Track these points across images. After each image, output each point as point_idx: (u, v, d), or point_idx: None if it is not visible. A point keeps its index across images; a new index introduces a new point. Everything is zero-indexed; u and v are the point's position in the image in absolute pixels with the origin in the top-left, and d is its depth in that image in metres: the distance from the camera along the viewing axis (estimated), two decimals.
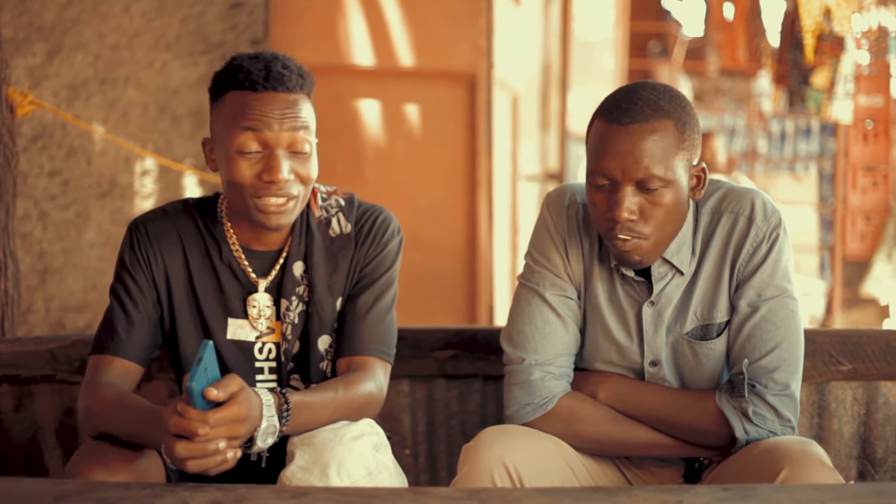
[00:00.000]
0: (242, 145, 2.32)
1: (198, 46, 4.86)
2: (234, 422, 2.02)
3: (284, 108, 2.33)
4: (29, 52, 4.70)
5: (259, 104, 2.33)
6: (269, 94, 2.33)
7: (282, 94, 2.34)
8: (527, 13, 7.89)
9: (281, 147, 2.33)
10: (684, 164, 2.28)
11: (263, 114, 2.32)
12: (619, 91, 2.35)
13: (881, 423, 2.97)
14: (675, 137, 2.26)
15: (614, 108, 2.28)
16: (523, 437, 2.33)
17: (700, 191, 2.35)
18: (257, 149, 2.33)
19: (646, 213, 2.28)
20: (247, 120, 2.32)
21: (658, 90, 2.29)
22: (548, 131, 8.76)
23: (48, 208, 4.75)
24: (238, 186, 2.35)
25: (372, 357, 2.46)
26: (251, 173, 2.33)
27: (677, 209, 2.31)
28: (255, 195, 2.34)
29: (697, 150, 2.33)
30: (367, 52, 5.77)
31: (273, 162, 2.32)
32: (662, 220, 2.29)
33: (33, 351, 3.02)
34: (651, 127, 2.24)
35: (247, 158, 2.33)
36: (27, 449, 3.05)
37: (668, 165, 2.25)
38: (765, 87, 10.38)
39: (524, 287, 2.49)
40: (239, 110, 2.33)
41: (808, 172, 9.86)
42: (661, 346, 2.42)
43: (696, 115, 2.34)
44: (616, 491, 1.79)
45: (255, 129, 2.31)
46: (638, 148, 2.24)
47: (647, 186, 2.26)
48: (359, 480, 2.17)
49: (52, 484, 1.85)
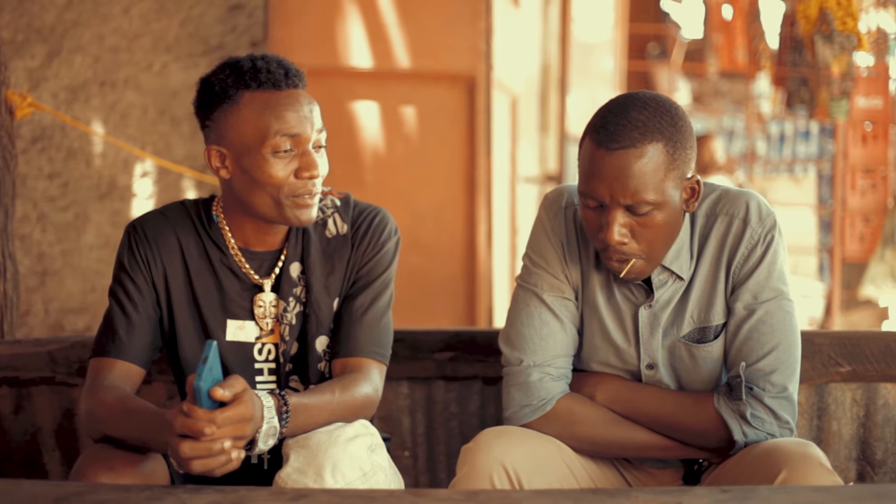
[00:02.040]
0: (277, 145, 2.34)
1: (197, 48, 4.86)
2: (240, 421, 2.02)
3: (308, 105, 2.39)
4: (28, 54, 4.70)
5: (288, 101, 2.36)
6: (292, 91, 2.38)
7: (301, 91, 2.40)
8: (526, 15, 7.89)
9: (311, 143, 2.38)
10: (675, 183, 2.27)
11: (295, 112, 2.36)
12: (611, 106, 2.30)
13: (880, 425, 2.97)
14: (664, 159, 2.24)
15: (602, 129, 2.25)
16: (522, 439, 2.33)
17: (694, 202, 2.33)
18: (290, 147, 2.35)
19: (637, 235, 2.28)
20: (279, 119, 2.34)
21: (649, 108, 2.26)
22: (547, 133, 8.76)
23: (47, 210, 4.75)
24: (273, 187, 2.36)
25: (368, 359, 2.46)
26: (287, 172, 2.35)
27: (670, 227, 2.31)
28: (293, 193, 2.36)
29: (690, 164, 2.31)
30: (365, 54, 5.77)
31: (309, 159, 2.36)
32: (654, 239, 2.29)
33: (32, 353, 3.02)
34: (639, 152, 2.22)
35: (281, 158, 2.35)
36: (26, 451, 3.05)
37: (657, 188, 2.24)
38: (764, 89, 10.37)
39: (522, 289, 2.49)
40: (267, 110, 2.35)
41: (807, 174, 9.85)
42: (658, 349, 2.42)
43: (690, 126, 2.31)
44: (615, 492, 1.79)
45: (289, 126, 2.34)
46: (625, 174, 2.23)
47: (636, 211, 2.25)
48: (354, 481, 2.17)
49: (52, 486, 1.85)
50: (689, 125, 2.32)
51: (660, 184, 2.24)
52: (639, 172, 2.22)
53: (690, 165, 2.31)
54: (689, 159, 2.29)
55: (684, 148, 2.27)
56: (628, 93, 2.35)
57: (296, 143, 2.35)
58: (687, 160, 2.29)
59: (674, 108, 2.30)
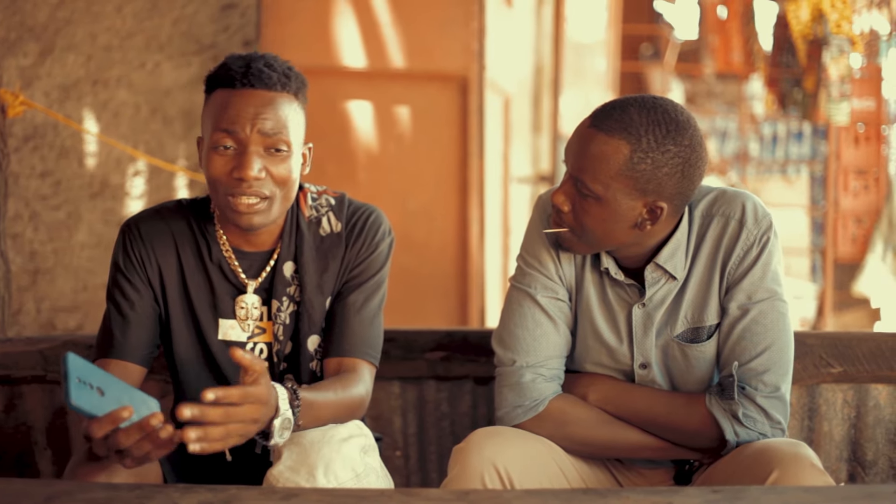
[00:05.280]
0: (217, 140, 2.32)
1: (190, 47, 4.85)
2: (257, 402, 1.96)
3: (260, 106, 2.32)
4: (20, 52, 4.69)
5: (235, 100, 2.32)
6: (246, 90, 2.32)
7: (260, 91, 2.33)
8: (519, 15, 7.89)
9: (255, 145, 2.31)
10: (627, 191, 2.26)
11: (238, 110, 2.31)
12: (631, 98, 2.31)
13: (871, 426, 2.97)
14: (623, 161, 2.24)
15: (600, 109, 2.30)
16: (514, 439, 2.33)
17: (647, 225, 2.32)
18: (231, 145, 2.31)
19: (576, 210, 2.32)
20: (222, 116, 2.32)
21: (651, 116, 2.25)
22: (540, 133, 8.76)
23: (39, 209, 4.74)
24: (213, 183, 2.34)
25: (361, 360, 2.46)
26: (224, 170, 2.32)
27: (602, 225, 2.31)
28: (228, 192, 2.33)
29: (662, 191, 2.27)
30: (358, 54, 5.77)
31: (243, 159, 2.30)
32: (586, 223, 2.32)
33: (24, 351, 3.01)
34: (605, 139, 2.25)
35: (221, 154, 2.32)
36: (17, 449, 3.04)
37: (601, 181, 2.26)
38: (757, 90, 10.39)
39: (516, 289, 2.50)
40: (219, 106, 2.33)
41: (799, 175, 9.86)
42: (651, 349, 2.42)
43: (684, 164, 2.26)
44: (606, 493, 1.79)
45: (228, 123, 2.31)
46: (583, 149, 2.28)
47: (579, 188, 2.29)
48: (346, 482, 2.17)
49: (42, 484, 1.84)
50: (687, 164, 2.27)
51: (607, 179, 2.25)
52: (591, 154, 2.26)
53: (661, 193, 2.27)
54: (660, 186, 2.26)
55: (657, 170, 2.24)
56: (661, 97, 2.32)
57: (236, 142, 2.31)
58: (657, 184, 2.26)
59: (680, 138, 2.26)
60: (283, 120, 2.33)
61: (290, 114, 2.36)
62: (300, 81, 2.40)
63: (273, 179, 2.34)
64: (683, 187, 2.29)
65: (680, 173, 2.26)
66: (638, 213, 2.29)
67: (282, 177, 2.34)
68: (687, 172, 2.27)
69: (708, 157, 2.35)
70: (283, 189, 2.36)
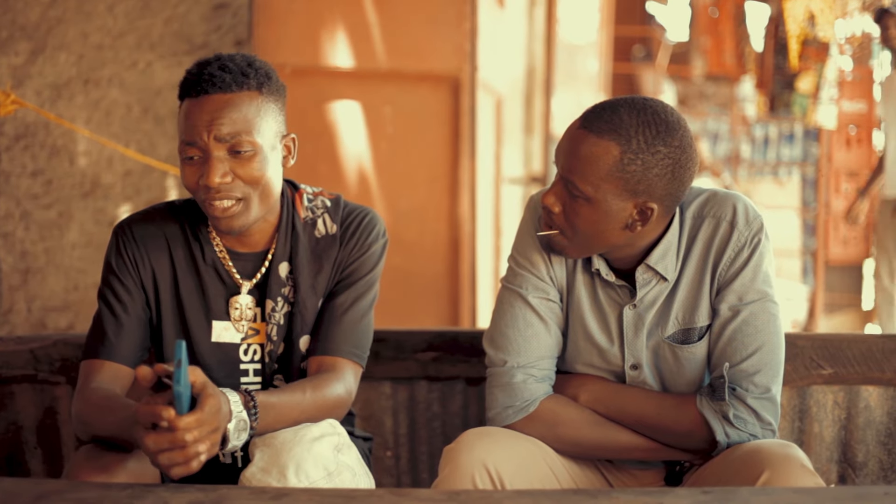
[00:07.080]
0: (184, 152, 2.33)
1: (181, 47, 4.85)
2: (217, 413, 1.97)
3: (215, 111, 2.29)
4: (12, 51, 4.69)
5: (193, 109, 2.31)
6: (202, 98, 2.31)
7: (214, 95, 2.30)
8: (511, 16, 7.89)
9: (216, 150, 2.30)
10: (618, 193, 2.26)
11: (193, 119, 2.30)
12: (622, 99, 2.31)
13: (861, 427, 2.98)
14: (613, 162, 2.23)
15: (591, 110, 2.30)
16: (505, 440, 2.33)
17: (638, 227, 2.32)
18: (195, 154, 2.31)
19: (567, 212, 2.31)
20: (184, 127, 2.32)
21: (641, 118, 2.25)
22: (531, 134, 8.76)
23: (30, 208, 4.73)
24: (190, 192, 2.36)
25: (344, 359, 2.45)
26: (194, 179, 2.33)
27: (592, 227, 2.31)
28: (202, 200, 2.34)
29: (652, 192, 2.27)
30: (350, 54, 5.77)
31: (206, 167, 2.30)
32: (576, 224, 2.32)
33: (15, 351, 3.01)
34: (595, 140, 2.24)
35: (189, 165, 2.33)
36: (8, 449, 3.04)
37: (591, 182, 2.25)
38: (748, 91, 10.40)
39: (507, 290, 2.50)
40: (182, 118, 2.33)
41: (790, 177, 9.88)
42: (642, 350, 2.42)
43: (676, 167, 2.26)
44: (597, 493, 1.79)
45: (188, 135, 2.30)
46: (574, 150, 2.27)
47: (570, 190, 2.29)
48: (317, 481, 2.16)
49: (32, 484, 1.84)
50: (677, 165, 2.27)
51: (597, 180, 2.25)
52: (581, 156, 2.25)
53: (652, 194, 2.27)
54: (651, 187, 2.26)
55: (648, 171, 2.24)
56: (652, 99, 2.32)
57: (199, 150, 2.30)
58: (648, 185, 2.26)
59: (670, 139, 2.26)
60: (243, 120, 2.31)
61: (252, 111, 2.32)
62: (263, 75, 2.36)
63: (243, 180, 2.33)
64: (674, 188, 2.29)
65: (670, 174, 2.26)
66: (628, 214, 2.29)
67: (251, 177, 2.33)
68: (677, 173, 2.27)
69: (698, 158, 2.35)
70: (257, 188, 2.35)
